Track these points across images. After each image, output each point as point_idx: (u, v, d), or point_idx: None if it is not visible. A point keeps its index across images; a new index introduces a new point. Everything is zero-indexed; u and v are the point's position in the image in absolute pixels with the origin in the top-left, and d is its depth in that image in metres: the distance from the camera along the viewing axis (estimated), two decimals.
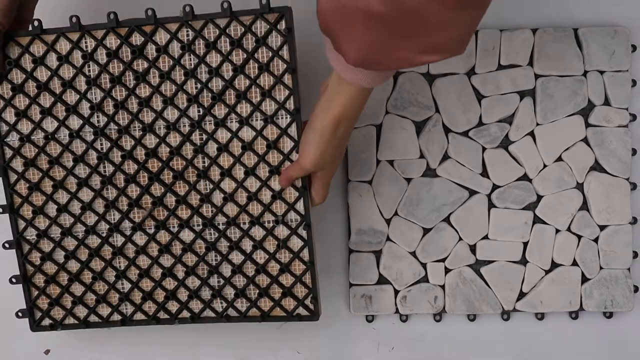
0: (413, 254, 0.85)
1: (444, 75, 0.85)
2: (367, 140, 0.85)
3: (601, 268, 0.86)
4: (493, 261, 0.86)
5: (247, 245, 0.79)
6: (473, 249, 0.86)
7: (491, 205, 0.85)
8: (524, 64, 0.85)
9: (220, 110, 0.76)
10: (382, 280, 0.85)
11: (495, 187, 0.85)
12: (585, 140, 0.85)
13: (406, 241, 0.85)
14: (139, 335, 0.88)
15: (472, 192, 0.85)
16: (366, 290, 0.85)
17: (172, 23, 0.75)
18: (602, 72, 0.85)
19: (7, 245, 0.80)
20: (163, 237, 0.80)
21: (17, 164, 0.79)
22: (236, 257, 0.79)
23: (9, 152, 0.79)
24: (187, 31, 0.75)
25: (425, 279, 0.86)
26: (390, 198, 0.85)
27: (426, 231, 0.85)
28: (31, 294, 0.82)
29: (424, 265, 0.85)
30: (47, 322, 0.83)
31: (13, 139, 0.78)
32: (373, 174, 0.85)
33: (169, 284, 0.81)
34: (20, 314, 0.82)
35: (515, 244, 0.86)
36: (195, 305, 0.81)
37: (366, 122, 0.85)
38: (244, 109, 0.76)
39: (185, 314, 0.81)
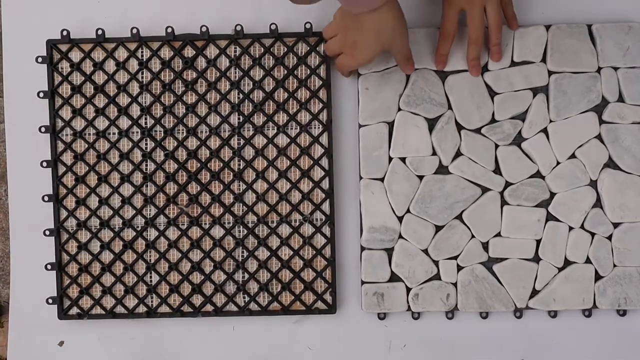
0: (425, 251, 0.85)
1: (457, 72, 0.85)
2: (379, 138, 0.85)
3: (615, 266, 0.85)
4: (506, 259, 0.86)
5: (273, 242, 0.86)
6: (485, 246, 0.86)
7: (504, 202, 0.85)
8: (537, 61, 0.85)
9: (259, 119, 0.86)
10: (394, 278, 0.85)
11: (507, 184, 0.85)
12: (599, 137, 0.85)
13: (418, 239, 0.85)
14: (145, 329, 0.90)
15: (485, 190, 0.85)
16: (378, 287, 0.85)
17: (222, 40, 0.85)
18: (616, 69, 0.85)
19: (47, 232, 0.86)
20: (195, 232, 0.87)
21: (67, 158, 0.86)
22: (262, 253, 0.86)
23: (60, 146, 0.86)
24: (235, 48, 0.86)
25: (437, 277, 0.85)
26: (402, 195, 0.85)
27: (438, 229, 0.85)
28: (63, 282, 0.87)
29: (436, 263, 0.85)
30: (74, 311, 0.87)
31: (66, 134, 0.86)
32: (385, 171, 0.85)
33: (196, 278, 0.87)
34: (50, 300, 0.87)
35: (528, 241, 0.85)
36: (219, 299, 0.87)
37: (378, 120, 0.85)
38: (281, 118, 0.86)
39: (209, 307, 0.87)
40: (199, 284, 0.87)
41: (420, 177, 0.86)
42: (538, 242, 0.86)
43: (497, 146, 0.86)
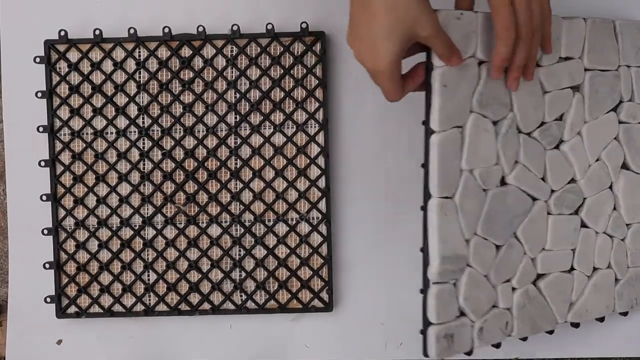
0: (486, 277, 0.74)
1: None
2: (454, 147, 0.70)
3: (628, 267, 0.83)
4: (549, 274, 0.78)
5: (270, 240, 0.87)
6: (534, 263, 0.78)
7: (549, 212, 0.78)
8: (577, 57, 0.77)
9: (255, 118, 0.86)
10: (460, 313, 0.73)
11: (551, 192, 0.77)
12: (617, 138, 0.81)
13: (483, 263, 0.73)
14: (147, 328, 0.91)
15: (534, 200, 0.77)
16: (447, 328, 0.71)
17: (219, 40, 0.86)
18: (629, 67, 0.81)
19: (45, 231, 0.87)
20: (192, 231, 0.87)
21: (65, 157, 0.87)
22: (259, 252, 0.87)
23: (59, 146, 0.86)
24: (232, 47, 0.86)
25: (496, 304, 0.75)
26: (472, 215, 0.71)
27: (498, 249, 0.75)
28: (61, 280, 0.88)
29: (494, 288, 0.75)
30: (72, 309, 0.88)
31: (64, 134, 0.87)
32: (457, 187, 0.70)
33: (193, 276, 0.87)
34: (48, 299, 0.88)
35: (567, 252, 0.79)
36: (216, 298, 0.88)
37: (452, 124, 0.70)
38: (278, 117, 0.86)
39: (206, 305, 0.88)
40: (196, 282, 0.87)
41: (485, 191, 0.73)
42: (573, 251, 0.80)
43: (544, 150, 0.77)
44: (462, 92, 0.69)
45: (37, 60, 0.86)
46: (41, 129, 0.86)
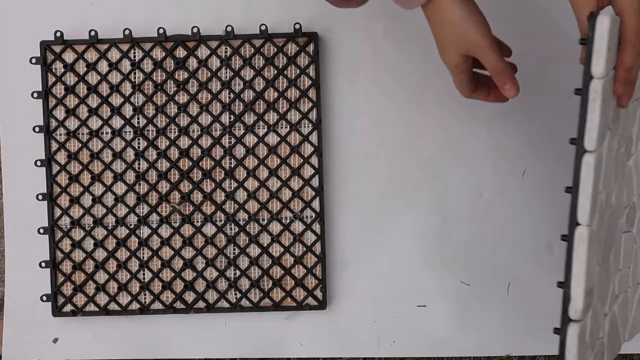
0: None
1: None
2: (599, 167, 0.61)
3: None
4: (620, 295, 0.72)
5: (264, 239, 0.88)
6: (614, 284, 0.70)
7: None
8: None
9: (249, 118, 0.87)
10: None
11: (624, 208, 0.71)
12: None
13: (600, 294, 0.66)
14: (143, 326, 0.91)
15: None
16: None
17: (213, 40, 0.87)
18: None
19: (42, 230, 0.88)
20: (187, 230, 0.88)
21: (61, 157, 0.87)
22: (253, 250, 0.88)
23: (54, 146, 0.87)
24: (226, 48, 0.87)
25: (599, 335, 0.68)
26: (599, 241, 0.64)
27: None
28: (57, 279, 0.88)
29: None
30: (68, 308, 0.89)
31: (60, 133, 0.87)
32: (595, 212, 0.62)
33: (188, 275, 0.88)
34: (44, 298, 0.88)
35: (628, 270, 0.73)
36: (211, 296, 0.88)
37: (601, 143, 0.61)
38: (271, 117, 0.87)
39: (201, 304, 0.88)
40: (191, 280, 0.88)
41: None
42: (629, 268, 0.74)
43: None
44: (609, 108, 0.62)
45: (33, 60, 0.87)
46: (37, 129, 0.87)
